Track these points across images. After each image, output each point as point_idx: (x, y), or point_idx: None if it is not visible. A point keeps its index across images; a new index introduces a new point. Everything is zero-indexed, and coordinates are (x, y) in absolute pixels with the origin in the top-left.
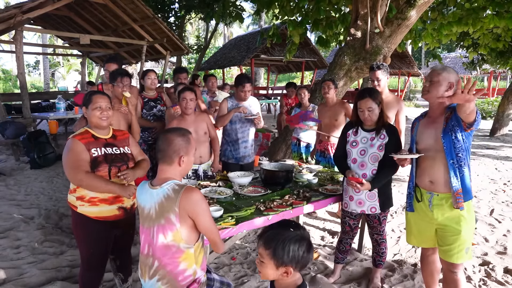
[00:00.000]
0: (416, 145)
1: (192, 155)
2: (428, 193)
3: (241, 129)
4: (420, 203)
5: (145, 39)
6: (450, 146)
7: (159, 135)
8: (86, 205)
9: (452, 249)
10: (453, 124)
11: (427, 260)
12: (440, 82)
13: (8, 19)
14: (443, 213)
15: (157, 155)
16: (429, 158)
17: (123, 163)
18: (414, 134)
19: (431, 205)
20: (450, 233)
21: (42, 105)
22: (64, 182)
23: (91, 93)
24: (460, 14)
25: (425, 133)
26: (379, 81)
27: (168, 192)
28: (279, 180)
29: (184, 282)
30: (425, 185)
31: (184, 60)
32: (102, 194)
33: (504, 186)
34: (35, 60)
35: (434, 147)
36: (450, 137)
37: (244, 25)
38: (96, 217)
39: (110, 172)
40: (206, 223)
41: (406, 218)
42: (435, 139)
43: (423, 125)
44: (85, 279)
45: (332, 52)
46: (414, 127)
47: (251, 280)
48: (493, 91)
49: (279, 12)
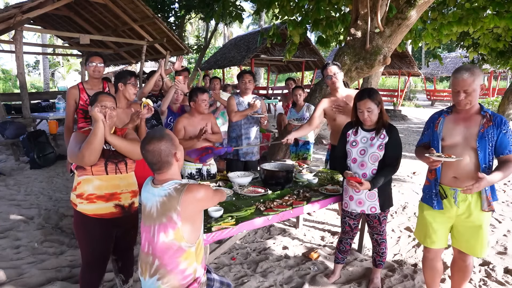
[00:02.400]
0: (442, 141)
1: (179, 144)
2: (452, 189)
3: (245, 125)
4: (445, 200)
5: (145, 39)
6: (485, 152)
7: (141, 149)
8: (85, 202)
9: (475, 243)
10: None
11: (430, 263)
12: (477, 89)
13: (8, 19)
14: (468, 208)
15: (152, 167)
16: (456, 155)
17: (120, 159)
18: (439, 130)
19: (456, 201)
20: (472, 228)
21: (42, 105)
22: (64, 182)
23: (96, 93)
24: (460, 14)
25: (455, 129)
26: (336, 76)
27: (170, 192)
28: (279, 180)
29: (184, 282)
30: (448, 181)
31: (184, 60)
32: (99, 191)
33: (504, 186)
34: (35, 60)
35: (463, 145)
36: (486, 144)
37: (244, 25)
38: (94, 214)
39: (107, 167)
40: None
41: (421, 216)
42: (465, 137)
43: (452, 121)
44: (86, 279)
45: (332, 52)
46: (438, 123)
47: (251, 280)
48: (493, 91)
49: (279, 12)
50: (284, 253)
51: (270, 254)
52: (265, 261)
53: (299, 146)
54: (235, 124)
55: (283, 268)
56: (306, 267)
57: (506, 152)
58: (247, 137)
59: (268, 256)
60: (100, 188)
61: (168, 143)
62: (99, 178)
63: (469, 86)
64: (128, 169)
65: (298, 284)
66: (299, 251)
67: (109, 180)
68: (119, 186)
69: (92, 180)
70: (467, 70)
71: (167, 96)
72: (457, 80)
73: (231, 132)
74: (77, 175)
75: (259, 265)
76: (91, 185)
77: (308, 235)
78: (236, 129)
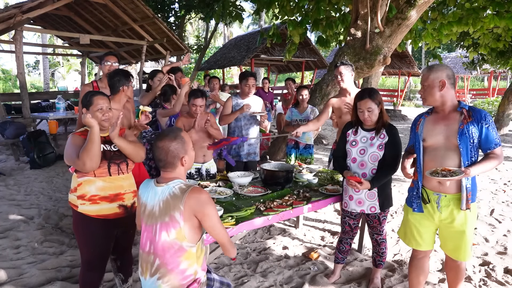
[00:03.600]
0: (423, 142)
1: (191, 149)
2: (436, 194)
3: (245, 126)
4: (427, 204)
5: (145, 39)
6: (467, 148)
7: (153, 144)
8: (87, 203)
9: (459, 248)
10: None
11: (417, 264)
12: (431, 85)
13: (8, 19)
14: (450, 213)
15: (158, 164)
16: (438, 157)
17: (122, 159)
18: (420, 131)
19: (439, 206)
20: (455, 233)
21: (42, 105)
22: (64, 182)
23: (91, 94)
24: (460, 14)
25: (434, 129)
26: (342, 76)
27: (174, 190)
28: (279, 180)
29: (185, 282)
30: (433, 186)
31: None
32: (103, 192)
33: (504, 186)
34: (35, 60)
35: (445, 145)
36: (467, 140)
37: (244, 25)
38: (97, 215)
39: (110, 168)
40: (215, 224)
41: (405, 219)
42: (446, 137)
43: (432, 122)
44: (86, 279)
45: (332, 52)
46: (418, 124)
47: (251, 280)
48: (493, 91)
49: (279, 12)
50: (284, 253)
51: (270, 254)
52: (265, 261)
53: (300, 149)
54: (235, 125)
55: (283, 268)
56: (306, 267)
57: (492, 146)
58: None
59: (268, 256)
60: (104, 189)
61: (178, 145)
62: (103, 179)
63: (425, 81)
64: (129, 169)
65: (298, 284)
66: (299, 251)
67: (112, 181)
68: (122, 186)
69: (94, 181)
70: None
71: (179, 98)
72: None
73: (232, 133)
74: (77, 176)
75: (259, 265)
76: (93, 186)
77: (308, 235)
78: (237, 130)
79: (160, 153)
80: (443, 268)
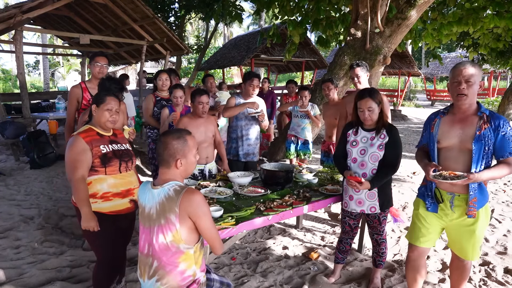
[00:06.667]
0: (438, 143)
1: (192, 155)
2: (449, 194)
3: (245, 126)
4: (441, 204)
5: (145, 39)
6: (480, 153)
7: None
8: (99, 201)
9: (467, 247)
10: (490, 136)
11: (413, 264)
12: (476, 82)
13: (8, 19)
14: (463, 213)
15: (157, 158)
16: (452, 158)
17: (129, 158)
18: (435, 132)
19: (452, 206)
20: (466, 233)
21: (42, 105)
22: (64, 182)
23: (105, 93)
24: (460, 14)
25: (450, 132)
26: (359, 78)
27: (169, 193)
28: (279, 180)
29: (184, 283)
30: (445, 187)
31: (184, 60)
32: (115, 189)
33: (504, 186)
34: (35, 60)
35: (459, 147)
36: (482, 146)
37: (244, 25)
38: (110, 211)
39: (121, 166)
40: (207, 225)
41: (415, 216)
42: (461, 140)
43: (448, 123)
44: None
45: (332, 52)
46: (434, 124)
47: (251, 280)
48: (493, 91)
49: (279, 12)
50: (284, 253)
51: (270, 254)
52: (265, 261)
53: (299, 145)
54: (235, 125)
55: (283, 268)
56: (306, 267)
57: (506, 154)
58: (248, 138)
59: (268, 256)
60: (116, 186)
61: (179, 145)
62: (113, 176)
63: (471, 76)
64: (133, 166)
65: (298, 284)
66: (299, 251)
67: (123, 178)
68: (131, 182)
69: (105, 179)
70: (470, 63)
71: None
72: (459, 69)
73: (232, 133)
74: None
75: (259, 265)
76: (105, 184)
77: (308, 235)
78: (237, 130)
79: (159, 147)
80: (443, 268)
